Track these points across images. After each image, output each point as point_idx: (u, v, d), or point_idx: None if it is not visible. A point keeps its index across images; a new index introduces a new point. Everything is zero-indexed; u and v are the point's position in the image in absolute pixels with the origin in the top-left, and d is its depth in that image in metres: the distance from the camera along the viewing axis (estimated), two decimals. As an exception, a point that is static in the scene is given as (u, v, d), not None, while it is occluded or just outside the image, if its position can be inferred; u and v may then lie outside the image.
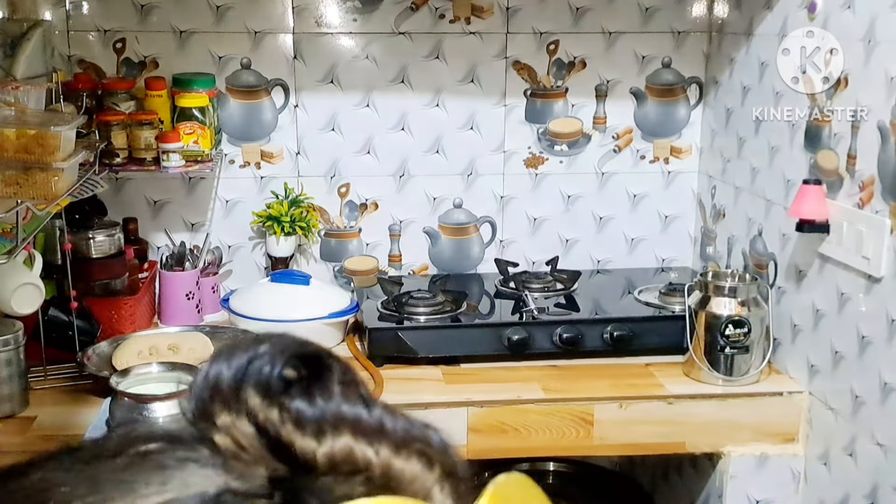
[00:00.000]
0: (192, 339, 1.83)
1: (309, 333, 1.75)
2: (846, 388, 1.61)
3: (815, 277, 1.71)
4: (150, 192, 2.12)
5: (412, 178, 2.18)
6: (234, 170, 2.13)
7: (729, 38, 2.06)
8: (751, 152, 1.96)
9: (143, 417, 1.51)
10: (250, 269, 2.17)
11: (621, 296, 2.10)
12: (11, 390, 1.63)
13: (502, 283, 2.11)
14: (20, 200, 1.40)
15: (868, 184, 1.54)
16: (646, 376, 1.82)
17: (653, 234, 2.27)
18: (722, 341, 1.75)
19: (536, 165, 2.21)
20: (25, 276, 1.57)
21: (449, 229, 2.23)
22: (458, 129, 2.16)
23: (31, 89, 1.60)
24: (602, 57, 2.16)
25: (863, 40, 1.55)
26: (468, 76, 2.13)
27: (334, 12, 2.08)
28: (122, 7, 2.03)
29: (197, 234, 2.13)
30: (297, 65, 2.09)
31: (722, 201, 2.11)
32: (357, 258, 2.22)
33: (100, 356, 1.77)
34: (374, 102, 2.13)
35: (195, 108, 1.94)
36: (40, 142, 1.40)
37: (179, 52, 2.05)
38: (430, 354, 1.83)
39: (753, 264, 1.95)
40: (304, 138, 2.13)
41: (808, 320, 1.73)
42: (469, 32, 2.11)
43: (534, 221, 2.24)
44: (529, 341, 1.83)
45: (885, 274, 1.51)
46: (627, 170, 2.23)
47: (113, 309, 1.90)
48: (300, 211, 2.11)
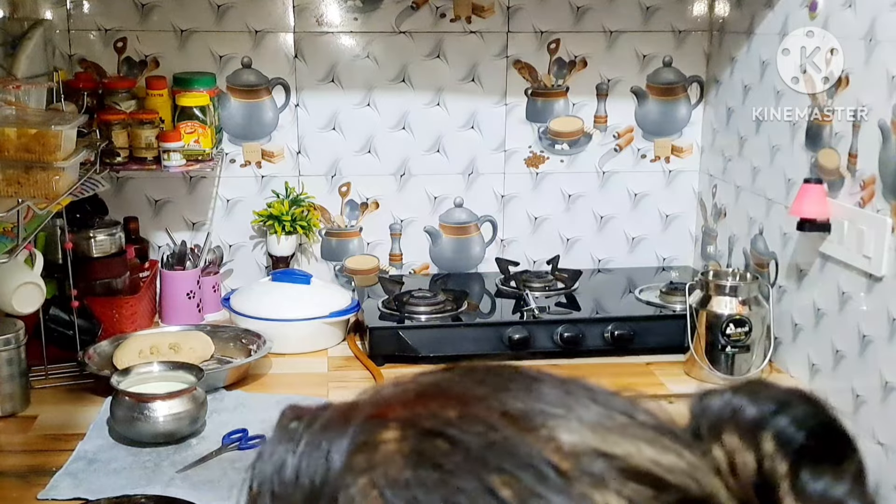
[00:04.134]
0: (193, 339, 1.83)
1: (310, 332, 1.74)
2: (847, 387, 1.61)
3: (815, 276, 1.71)
4: (150, 192, 2.12)
5: (413, 178, 2.18)
6: (234, 169, 2.13)
7: (730, 37, 2.06)
8: (752, 151, 1.96)
9: (144, 417, 1.51)
10: (251, 269, 2.17)
11: (622, 295, 2.10)
12: (12, 389, 1.63)
13: (503, 283, 2.11)
14: (21, 199, 1.40)
15: (869, 183, 1.54)
16: (647, 375, 1.82)
17: (654, 233, 2.27)
18: (723, 340, 1.75)
19: (537, 164, 2.21)
20: (26, 275, 1.58)
21: (450, 228, 2.23)
22: (458, 128, 2.16)
23: (32, 88, 1.61)
24: (603, 56, 2.16)
25: (864, 39, 1.55)
26: (469, 75, 2.13)
27: (335, 11, 2.08)
28: (123, 6, 2.03)
29: (198, 233, 2.13)
30: (298, 64, 2.09)
31: (723, 200, 2.11)
32: (358, 257, 2.22)
33: (101, 355, 1.77)
34: (374, 101, 2.13)
35: (196, 107, 1.94)
36: (41, 141, 1.40)
37: (180, 51, 2.05)
38: (431, 353, 1.83)
39: (754, 263, 1.95)
40: (305, 137, 2.13)
41: (809, 319, 1.73)
42: (470, 31, 2.11)
43: (535, 220, 2.23)
44: (530, 340, 1.83)
45: (885, 273, 1.51)
46: (628, 169, 2.23)
47: (114, 308, 1.90)
48: (301, 210, 2.11)
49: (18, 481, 1.42)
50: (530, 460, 0.35)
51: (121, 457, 1.48)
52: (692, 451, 0.38)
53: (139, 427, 1.51)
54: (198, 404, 1.55)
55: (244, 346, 1.87)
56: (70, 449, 1.50)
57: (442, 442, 0.36)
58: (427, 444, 0.37)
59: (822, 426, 0.40)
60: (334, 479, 0.37)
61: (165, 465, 1.46)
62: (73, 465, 1.45)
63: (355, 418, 0.39)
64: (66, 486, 1.39)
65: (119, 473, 1.43)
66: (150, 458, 1.48)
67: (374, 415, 0.39)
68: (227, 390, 1.72)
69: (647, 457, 0.36)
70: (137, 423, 1.51)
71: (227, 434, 1.53)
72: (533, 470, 0.35)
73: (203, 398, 1.57)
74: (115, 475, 1.43)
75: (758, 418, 0.39)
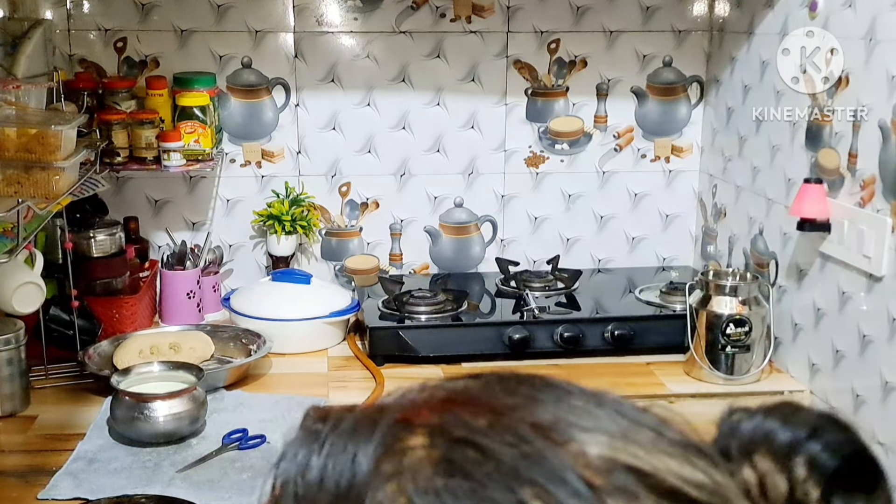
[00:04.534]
0: (193, 339, 1.83)
1: (310, 332, 1.74)
2: (847, 387, 1.61)
3: (816, 276, 1.71)
4: (150, 191, 2.12)
5: (413, 177, 2.18)
6: (234, 169, 2.13)
7: (730, 37, 2.06)
8: (752, 151, 1.96)
9: (144, 417, 1.51)
10: (251, 268, 2.17)
11: (622, 295, 2.10)
12: (12, 389, 1.63)
13: (503, 283, 2.11)
14: (21, 199, 1.40)
15: (869, 183, 1.54)
16: (647, 375, 1.82)
17: (654, 233, 2.27)
18: (723, 340, 1.75)
19: (537, 164, 2.21)
20: (26, 275, 1.58)
21: (450, 228, 2.23)
22: (458, 128, 2.16)
23: (32, 88, 1.61)
24: (603, 56, 2.16)
25: (864, 39, 1.55)
26: (469, 75, 2.13)
27: (335, 11, 2.08)
28: (123, 6, 2.03)
29: (198, 233, 2.13)
30: (298, 64, 2.09)
31: (723, 200, 2.11)
32: (358, 257, 2.22)
33: (101, 355, 1.77)
34: (374, 101, 2.13)
35: (196, 107, 1.94)
36: (41, 141, 1.40)
37: (180, 51, 2.05)
38: (431, 353, 1.83)
39: (754, 263, 1.95)
40: (305, 137, 2.13)
41: (809, 319, 1.73)
42: (470, 31, 2.11)
43: (535, 220, 2.23)
44: (530, 340, 1.83)
45: (885, 273, 1.51)
46: (628, 169, 2.23)
47: (114, 308, 1.90)
48: (301, 210, 2.11)
49: (18, 481, 1.42)
50: (562, 474, 0.35)
51: (121, 457, 1.48)
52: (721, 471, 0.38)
53: (139, 427, 1.51)
54: (198, 404, 1.55)
55: (244, 346, 1.87)
56: (70, 449, 1.50)
57: (472, 451, 0.36)
58: (457, 452, 0.36)
59: (854, 454, 0.40)
60: (361, 484, 0.37)
61: (165, 464, 1.46)
62: (73, 465, 1.45)
63: (382, 422, 0.39)
64: (66, 485, 1.39)
65: (119, 473, 1.43)
66: (150, 457, 1.48)
67: (401, 419, 0.39)
68: (227, 390, 1.72)
69: (677, 473, 0.36)
70: (137, 423, 1.51)
71: (227, 434, 1.53)
72: (564, 484, 0.35)
73: (203, 398, 1.57)
74: (115, 475, 1.43)
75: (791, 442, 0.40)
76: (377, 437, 0.38)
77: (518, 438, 0.37)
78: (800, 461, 0.39)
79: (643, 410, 0.40)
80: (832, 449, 0.39)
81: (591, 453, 0.36)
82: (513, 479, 0.35)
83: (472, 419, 0.38)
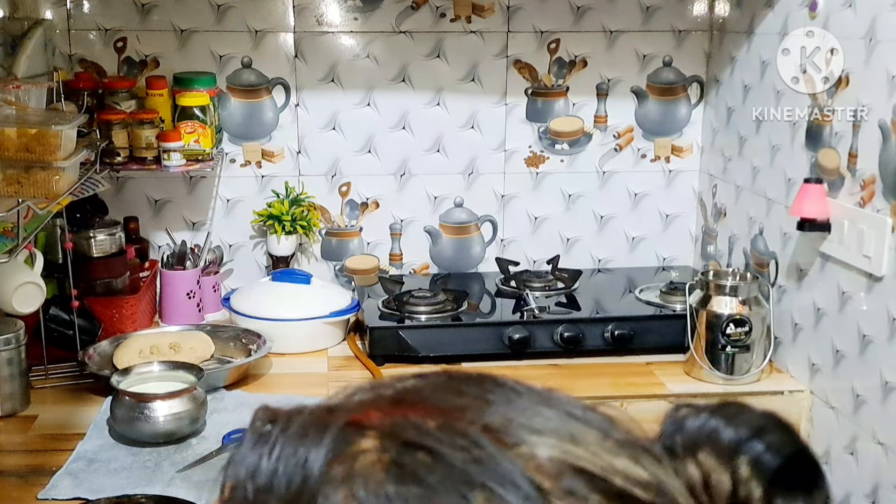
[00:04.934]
0: (193, 338, 1.83)
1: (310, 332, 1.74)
2: (847, 386, 1.61)
3: (816, 276, 1.71)
4: (150, 191, 2.12)
5: (413, 177, 2.18)
6: (234, 169, 2.13)
7: (730, 37, 2.06)
8: (752, 151, 1.96)
9: (144, 417, 1.51)
10: (251, 268, 2.17)
11: (622, 295, 2.10)
12: (12, 389, 1.63)
13: (503, 282, 2.11)
14: (21, 199, 1.40)
15: (869, 182, 1.54)
16: (647, 375, 1.82)
17: (654, 232, 2.27)
18: (723, 340, 1.75)
19: (537, 164, 2.21)
20: (26, 275, 1.58)
21: (450, 228, 2.23)
22: (458, 127, 2.16)
23: (32, 88, 1.61)
24: (603, 56, 2.16)
25: (864, 39, 1.55)
26: (469, 75, 2.13)
27: (335, 11, 2.08)
28: (123, 6, 2.03)
29: (198, 233, 2.13)
30: (298, 64, 2.09)
31: (723, 200, 2.11)
32: (358, 257, 2.22)
33: (101, 355, 1.77)
34: (374, 101, 2.13)
35: (196, 107, 1.94)
36: (41, 141, 1.40)
37: (180, 51, 2.05)
38: (431, 353, 1.83)
39: (754, 263, 1.95)
40: (305, 137, 2.13)
41: (809, 319, 1.73)
42: (470, 31, 2.11)
43: (535, 220, 2.23)
44: (530, 340, 1.84)
45: (886, 273, 1.51)
46: (628, 169, 2.23)
47: (114, 308, 1.90)
48: (301, 210, 2.11)
49: (18, 481, 1.42)
50: (513, 478, 0.35)
51: (121, 457, 1.48)
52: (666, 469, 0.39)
53: (139, 427, 1.51)
54: (198, 404, 1.55)
55: (244, 345, 1.87)
56: (70, 449, 1.50)
57: (423, 455, 0.36)
58: (408, 456, 0.36)
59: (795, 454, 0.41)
60: (312, 488, 0.36)
61: (165, 464, 1.46)
62: (73, 465, 1.45)
63: (333, 424, 0.38)
64: (66, 485, 1.39)
65: (119, 473, 1.43)
66: (151, 457, 1.48)
67: (351, 421, 0.38)
68: (227, 390, 1.73)
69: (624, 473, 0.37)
70: (137, 422, 1.51)
71: (227, 434, 1.53)
72: (515, 488, 0.35)
73: (203, 398, 1.57)
74: (115, 475, 1.43)
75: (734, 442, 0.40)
76: (328, 440, 0.38)
77: (469, 442, 0.37)
78: (743, 460, 0.40)
79: (591, 409, 0.41)
80: (774, 449, 0.40)
81: (540, 456, 0.37)
82: (464, 484, 0.35)
83: (422, 421, 0.38)
